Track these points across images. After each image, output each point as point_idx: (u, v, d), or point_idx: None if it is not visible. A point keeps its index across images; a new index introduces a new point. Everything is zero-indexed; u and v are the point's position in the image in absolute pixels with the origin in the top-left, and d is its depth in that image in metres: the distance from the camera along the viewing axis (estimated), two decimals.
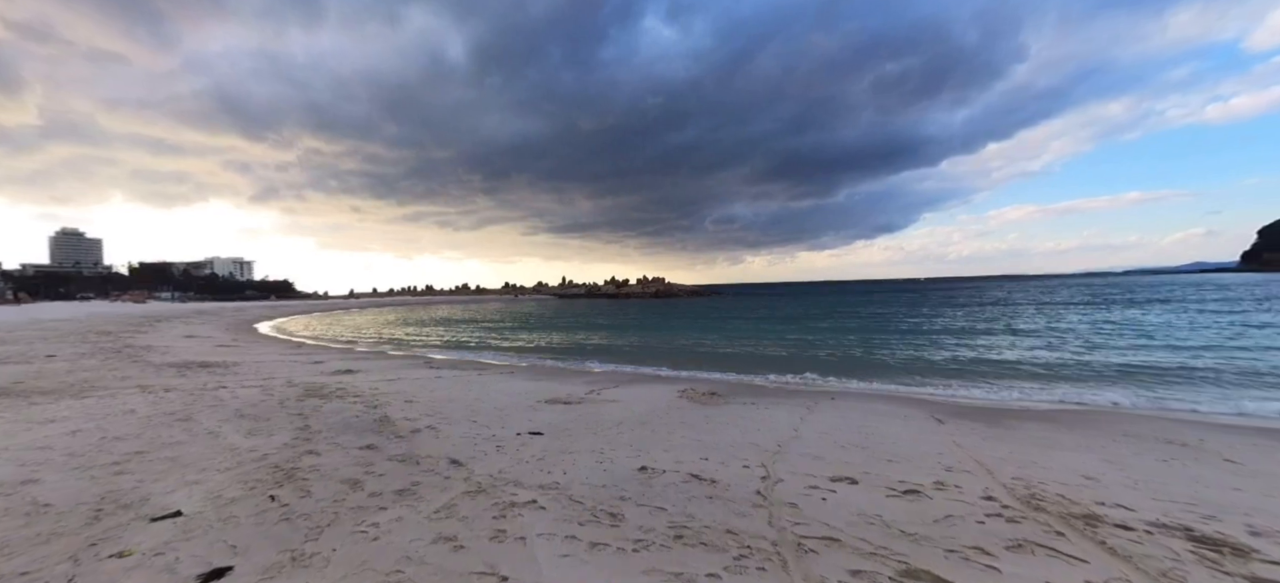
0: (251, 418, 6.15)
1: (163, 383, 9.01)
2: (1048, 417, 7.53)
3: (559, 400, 8.23)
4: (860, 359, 14.83)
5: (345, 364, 13.40)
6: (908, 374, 12.22)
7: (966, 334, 20.24)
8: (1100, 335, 18.44)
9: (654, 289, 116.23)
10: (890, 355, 15.35)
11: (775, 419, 6.87)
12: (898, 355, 15.30)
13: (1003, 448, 5.41)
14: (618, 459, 4.82)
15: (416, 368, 13.10)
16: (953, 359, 14.36)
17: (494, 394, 8.77)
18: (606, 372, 13.38)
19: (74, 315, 40.31)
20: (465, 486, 4.01)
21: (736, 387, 10.67)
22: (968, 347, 16.85)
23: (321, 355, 16.23)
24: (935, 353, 15.68)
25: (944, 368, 13.01)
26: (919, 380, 11.38)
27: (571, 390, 9.38)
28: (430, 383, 10.03)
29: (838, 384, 11.12)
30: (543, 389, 9.54)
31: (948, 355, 15.04)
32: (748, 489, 3.92)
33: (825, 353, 16.17)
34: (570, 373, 12.87)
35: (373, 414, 6.61)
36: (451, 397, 8.38)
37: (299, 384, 9.11)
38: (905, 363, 13.99)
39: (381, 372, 11.92)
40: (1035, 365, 12.97)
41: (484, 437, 5.62)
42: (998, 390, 10.17)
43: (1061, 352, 15.07)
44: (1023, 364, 13.21)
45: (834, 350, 16.77)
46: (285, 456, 4.73)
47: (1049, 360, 13.65)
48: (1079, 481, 4.29)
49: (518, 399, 8.30)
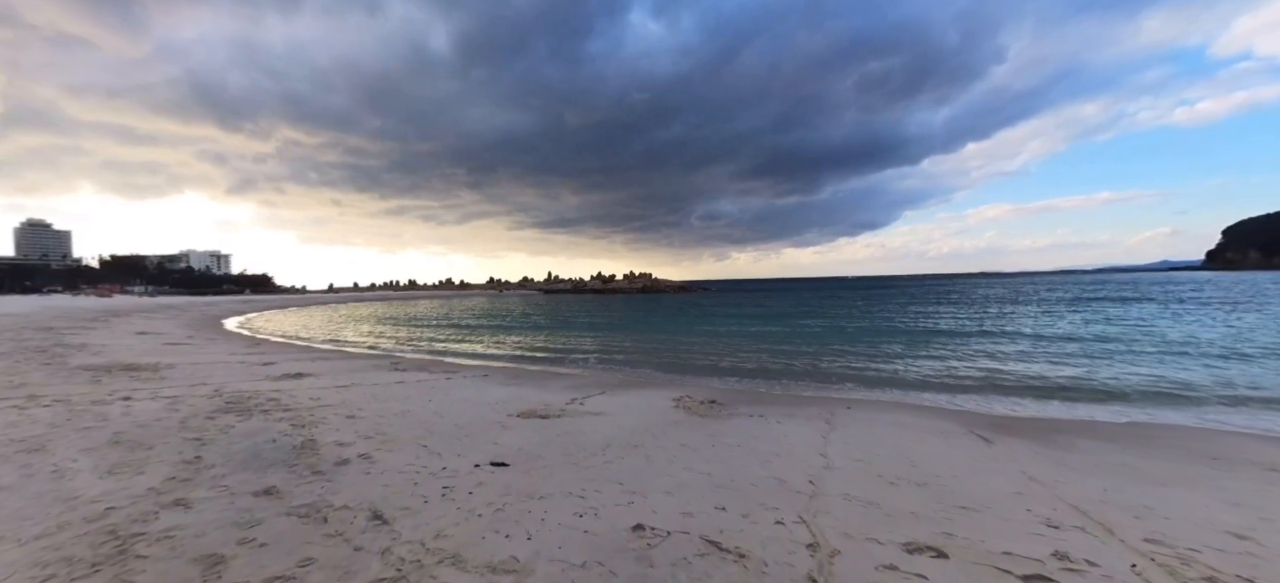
0: (129, 445, 4.77)
1: (58, 392, 7.52)
2: (1103, 433, 6.47)
3: (535, 413, 6.96)
4: (862, 360, 13.78)
5: (299, 366, 11.94)
6: (919, 378, 11.16)
7: (968, 335, 19.36)
8: (1104, 333, 17.68)
9: (640, 285, 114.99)
10: (894, 357, 14.33)
11: (793, 439, 5.68)
12: (902, 357, 14.29)
13: (1090, 484, 4.29)
14: (604, 510, 3.58)
15: (378, 370, 11.70)
16: (962, 360, 13.38)
17: (458, 405, 7.46)
18: (591, 374, 12.12)
19: (24, 310, 37.72)
20: (380, 567, 2.74)
21: (737, 393, 9.50)
22: (974, 346, 15.92)
23: (278, 355, 14.70)
24: (942, 354, 14.71)
25: (956, 371, 12.00)
26: (933, 385, 10.32)
27: (550, 399, 8.11)
28: (387, 390, 8.67)
29: (846, 391, 10.01)
30: (517, 397, 8.25)
31: (956, 356, 14.06)
32: (795, 574, 2.70)
33: (824, 354, 15.10)
34: (551, 375, 11.58)
35: (296, 437, 5.27)
36: (406, 409, 7.05)
37: (226, 394, 7.69)
38: (912, 365, 12.96)
39: (336, 375, 10.50)
40: (1055, 367, 12.02)
41: (430, 472, 4.34)
42: (1026, 398, 9.14)
43: (1075, 353, 14.19)
44: (1041, 365, 12.26)
45: (832, 351, 15.72)
46: (139, 509, 3.39)
47: (1065, 361, 12.73)
48: (1229, 541, 3.17)
49: (485, 412, 7.00)
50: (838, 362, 13.42)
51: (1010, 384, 10.24)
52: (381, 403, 7.43)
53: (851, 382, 10.80)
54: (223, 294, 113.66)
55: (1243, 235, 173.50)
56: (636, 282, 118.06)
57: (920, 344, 16.54)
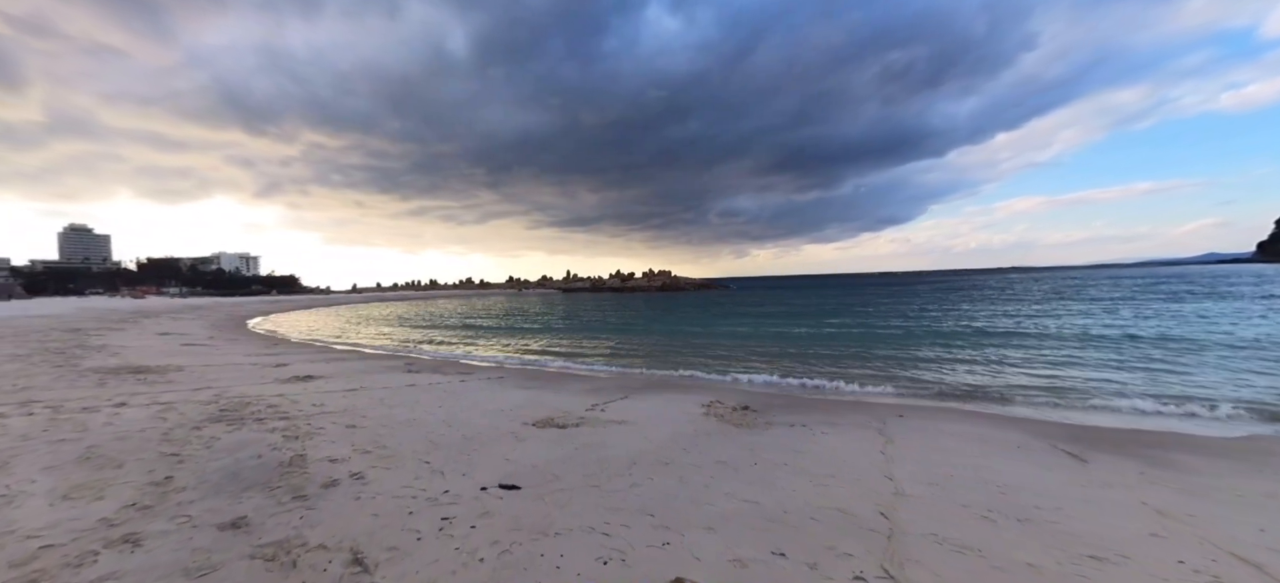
0: (98, 463, 4.26)
1: (55, 398, 7.16)
2: (1208, 447, 5.53)
3: (552, 421, 6.32)
4: (901, 362, 12.84)
5: (311, 367, 11.56)
6: (968, 382, 10.23)
7: (1011, 335, 18.15)
8: (1166, 332, 16.34)
9: (659, 282, 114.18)
10: (935, 358, 13.35)
11: (847, 454, 4.92)
12: (945, 359, 13.30)
13: (1240, 521, 3.44)
14: (634, 553, 2.90)
15: (391, 372, 11.24)
16: (1011, 363, 12.35)
17: (470, 412, 6.87)
18: (613, 376, 11.46)
19: (59, 312, 38.81)
20: None
21: (770, 398, 8.73)
22: (1019, 346, 14.81)
23: (293, 355, 14.42)
24: (987, 355, 13.67)
25: (1007, 374, 11.01)
26: (987, 391, 9.38)
27: (569, 404, 7.47)
28: (396, 394, 8.14)
29: (889, 395, 9.14)
30: (534, 402, 7.63)
31: (1003, 358, 13.02)
32: None
33: (857, 354, 14.17)
34: (570, 377, 10.97)
35: (285, 451, 4.71)
36: (413, 417, 6.48)
37: (225, 399, 7.24)
38: (957, 368, 11.99)
39: (346, 377, 10.05)
40: (1120, 371, 10.93)
41: (429, 497, 3.71)
42: (1095, 404, 8.16)
43: (1137, 354, 13.02)
44: (1104, 370, 11.19)
45: (865, 351, 14.78)
46: (78, 549, 2.83)
47: (1129, 364, 11.62)
48: None
49: (498, 420, 6.39)
50: (874, 363, 12.51)
51: (1070, 387, 9.25)
52: (387, 409, 6.88)
53: (893, 385, 9.92)
54: (251, 295, 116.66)
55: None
56: (656, 280, 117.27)
57: (961, 344, 15.48)
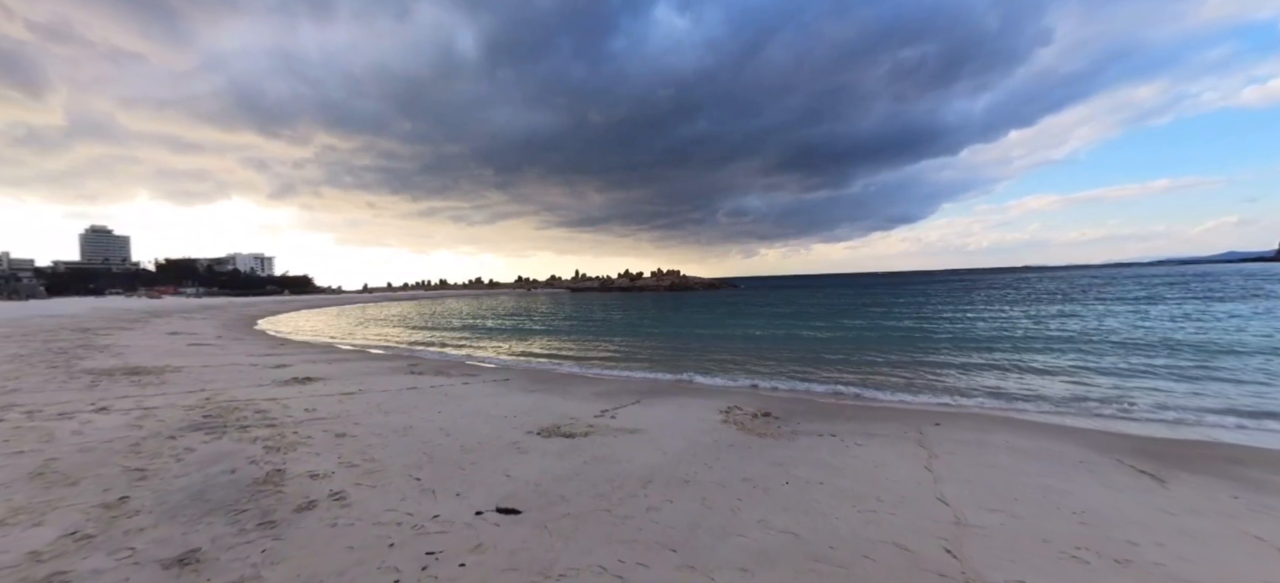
0: (52, 479, 3.82)
1: (37, 401, 6.79)
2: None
3: (558, 429, 5.82)
4: (928, 366, 12.20)
5: (312, 368, 11.18)
6: (1003, 388, 9.59)
7: (1039, 338, 17.38)
8: (1205, 339, 15.50)
9: (668, 282, 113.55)
10: (963, 363, 12.68)
11: (889, 471, 4.36)
12: (974, 364, 12.63)
13: None
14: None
15: (394, 374, 10.82)
16: (1044, 368, 11.66)
17: (470, 418, 6.39)
18: (623, 380, 10.95)
19: (74, 311, 39.11)
20: None
21: (791, 402, 8.17)
22: (1047, 349, 14.08)
23: (296, 356, 14.09)
24: (1018, 360, 12.98)
25: (1042, 378, 10.35)
26: (1025, 396, 8.74)
27: (577, 410, 6.97)
28: (395, 398, 7.70)
29: (920, 400, 8.53)
30: (539, 407, 7.14)
31: (1033, 361, 12.33)
32: None
33: (879, 357, 13.51)
34: (579, 380, 10.47)
35: (264, 465, 4.25)
36: (409, 424, 6.01)
37: (213, 404, 6.83)
38: (987, 372, 11.35)
39: (346, 379, 9.64)
40: (1170, 379, 10.23)
41: (414, 524, 3.22)
42: (1143, 413, 7.51)
43: (1175, 358, 12.26)
44: (1146, 378, 10.48)
45: (887, 354, 14.13)
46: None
47: (1171, 370, 10.89)
48: None
49: (500, 428, 5.91)
50: (898, 367, 11.87)
51: (1119, 395, 8.58)
52: (383, 416, 6.43)
53: (922, 390, 9.31)
54: (266, 295, 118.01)
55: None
56: (665, 279, 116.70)
57: (990, 346, 14.78)
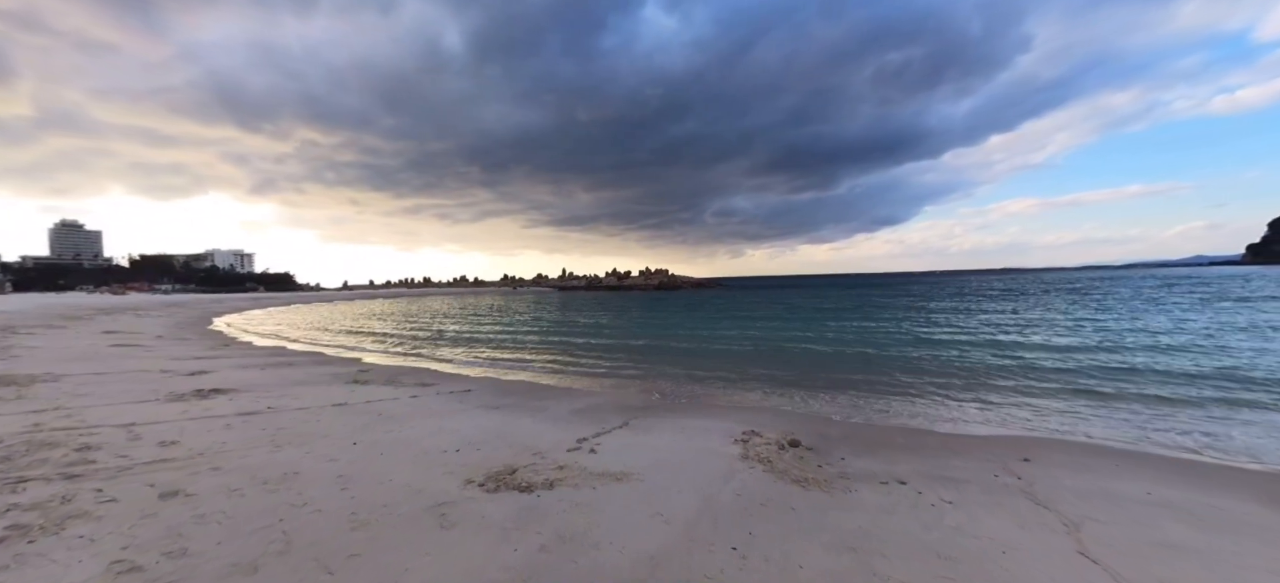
0: None
1: None
2: None
3: (513, 477, 4.07)
4: (958, 377, 10.66)
5: (233, 376, 9.27)
6: (1069, 407, 8.04)
7: (1068, 348, 15.97)
8: (1251, 366, 14.23)
9: (656, 281, 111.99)
10: (993, 372, 11.17)
11: (1027, 560, 2.70)
12: (1005, 372, 11.13)
13: None
14: None
15: (330, 383, 8.96)
16: (1094, 375, 10.19)
17: (393, 457, 4.61)
18: (609, 390, 9.21)
19: (18, 308, 36.19)
20: None
21: (821, 424, 6.52)
22: (1079, 357, 12.65)
23: (228, 361, 12.11)
24: (1057, 365, 11.51)
25: (1115, 396, 8.84)
26: (1093, 416, 7.18)
27: (547, 439, 5.22)
28: (308, 419, 5.87)
29: (971, 421, 6.91)
30: (498, 434, 5.38)
31: (1077, 369, 10.86)
32: None
33: (896, 365, 11.88)
34: (555, 393, 8.70)
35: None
36: (298, 467, 4.21)
37: (41, 430, 4.94)
38: (1033, 384, 9.83)
39: (264, 392, 7.76)
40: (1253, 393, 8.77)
41: None
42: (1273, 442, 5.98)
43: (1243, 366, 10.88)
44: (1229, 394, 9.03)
45: (903, 361, 12.55)
46: None
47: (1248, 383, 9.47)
48: None
49: (430, 473, 4.14)
50: (926, 376, 10.28)
51: (1228, 425, 7.06)
52: (270, 452, 4.61)
53: (976, 407, 7.72)
54: (243, 291, 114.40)
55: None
56: (653, 278, 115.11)
57: (1013, 351, 13.31)
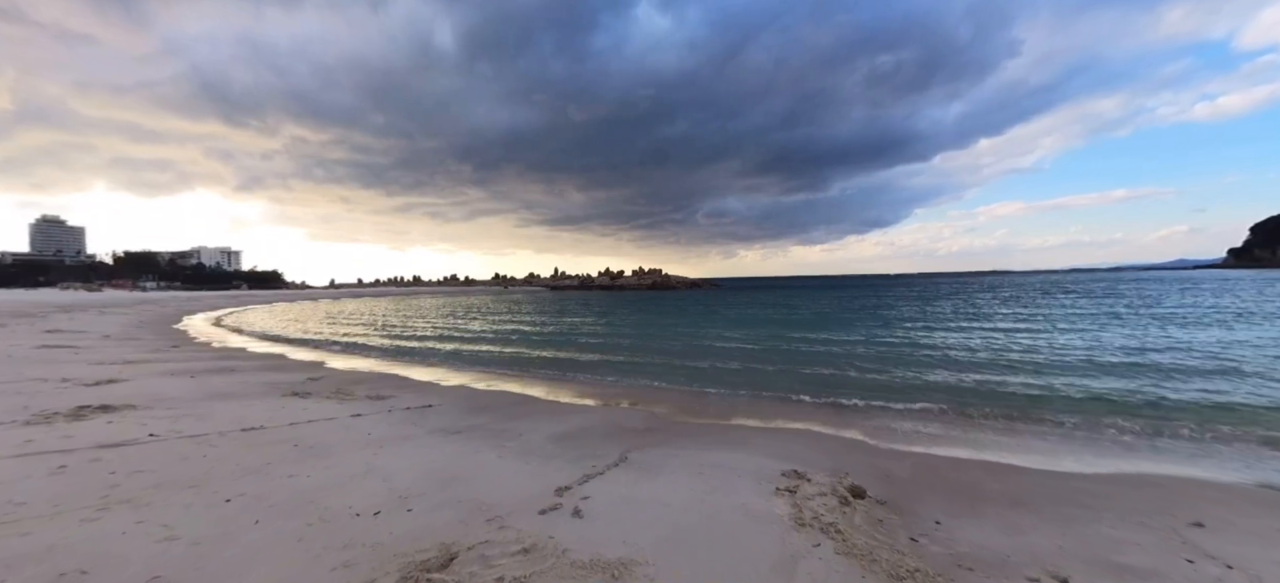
0: None
1: None
2: None
3: (448, 560, 2.57)
4: (1020, 389, 9.27)
5: (151, 387, 7.67)
6: (1199, 441, 6.67)
7: (1121, 362, 14.66)
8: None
9: (650, 280, 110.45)
10: (1063, 384, 9.79)
11: None
12: (1081, 382, 9.77)
13: None
14: None
15: (264, 395, 7.39)
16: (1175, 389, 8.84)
17: (288, 522, 3.09)
18: (599, 412, 7.70)
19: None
20: None
21: (885, 461, 5.07)
22: (1142, 373, 11.33)
23: (167, 364, 10.49)
24: (1136, 384, 10.17)
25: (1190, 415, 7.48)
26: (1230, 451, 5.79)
27: (514, 488, 3.72)
28: (205, 451, 4.33)
29: (1085, 452, 5.49)
30: (447, 478, 3.87)
31: (1152, 386, 9.52)
32: None
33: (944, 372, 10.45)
34: (533, 410, 7.17)
35: None
36: (122, 550, 2.69)
37: None
38: (1123, 406, 8.47)
39: (177, 406, 6.19)
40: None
41: None
42: None
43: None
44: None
45: (937, 370, 11.14)
46: None
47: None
48: None
49: (325, 565, 2.63)
50: (985, 390, 8.82)
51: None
52: (86, 521, 3.07)
53: (1030, 419, 6.32)
54: (230, 289, 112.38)
55: (1272, 232, 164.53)
56: (646, 278, 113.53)
57: (1053, 355, 11.97)
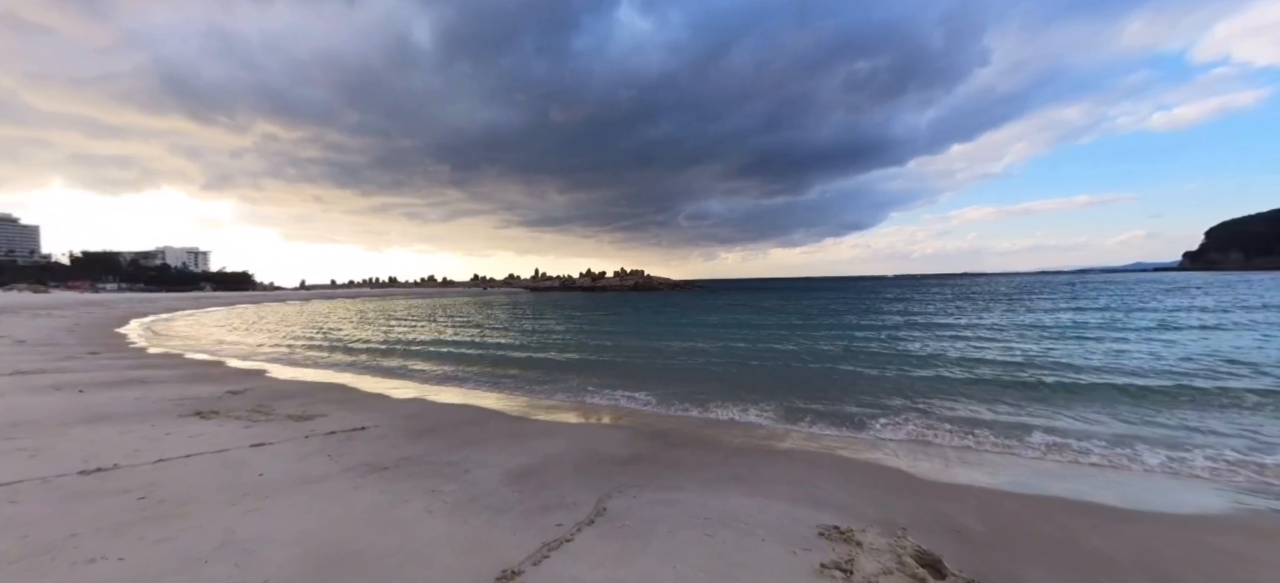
0: None
1: None
2: None
3: None
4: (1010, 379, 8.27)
5: (15, 404, 6.12)
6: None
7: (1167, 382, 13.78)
8: None
9: (632, 282, 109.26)
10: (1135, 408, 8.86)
11: None
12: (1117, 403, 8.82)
13: None
14: None
15: (159, 416, 5.93)
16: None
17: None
18: (571, 435, 6.41)
19: None
20: None
21: (939, 500, 3.95)
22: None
23: (75, 373, 8.86)
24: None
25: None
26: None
27: (441, 570, 2.45)
28: (19, 504, 2.95)
29: (1120, 470, 4.43)
30: (340, 555, 2.58)
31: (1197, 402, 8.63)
32: None
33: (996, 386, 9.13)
34: (490, 432, 5.86)
35: None
36: None
37: None
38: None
39: (39, 433, 4.72)
40: None
41: None
42: None
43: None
44: None
45: (970, 378, 10.11)
46: None
47: None
48: None
49: None
50: (1009, 397, 7.82)
51: None
52: None
53: (1078, 436, 5.29)
54: (198, 291, 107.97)
55: (1225, 237, 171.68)
56: (628, 279, 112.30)
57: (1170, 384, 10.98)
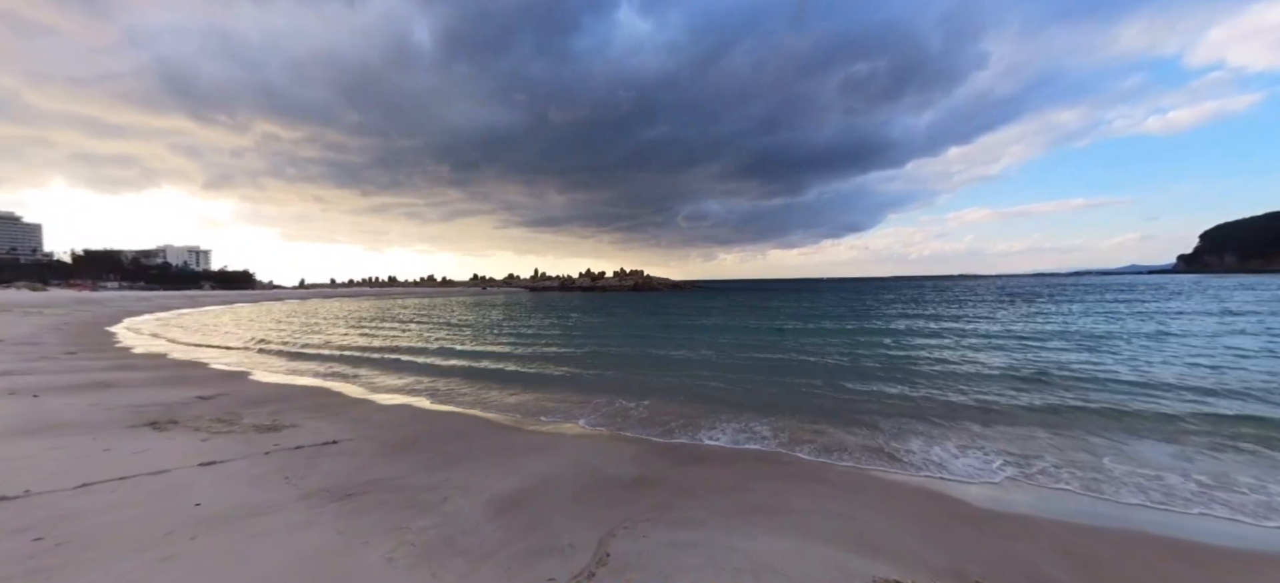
0: None
1: None
2: None
3: None
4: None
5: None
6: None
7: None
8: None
9: (631, 282, 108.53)
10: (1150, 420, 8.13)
11: None
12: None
13: None
14: None
15: (109, 429, 5.23)
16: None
17: None
18: (569, 451, 5.70)
19: None
20: None
21: (1011, 540, 3.20)
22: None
23: (40, 377, 8.16)
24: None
25: None
26: None
27: None
28: None
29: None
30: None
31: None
32: None
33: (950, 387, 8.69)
34: (475, 452, 5.14)
35: None
36: None
37: None
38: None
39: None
40: None
41: None
42: None
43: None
44: None
45: (951, 382, 9.43)
46: None
47: None
48: None
49: None
50: (1041, 404, 7.15)
51: None
52: None
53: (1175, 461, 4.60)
54: (196, 289, 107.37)
55: (1219, 240, 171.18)
56: (628, 279, 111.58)
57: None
